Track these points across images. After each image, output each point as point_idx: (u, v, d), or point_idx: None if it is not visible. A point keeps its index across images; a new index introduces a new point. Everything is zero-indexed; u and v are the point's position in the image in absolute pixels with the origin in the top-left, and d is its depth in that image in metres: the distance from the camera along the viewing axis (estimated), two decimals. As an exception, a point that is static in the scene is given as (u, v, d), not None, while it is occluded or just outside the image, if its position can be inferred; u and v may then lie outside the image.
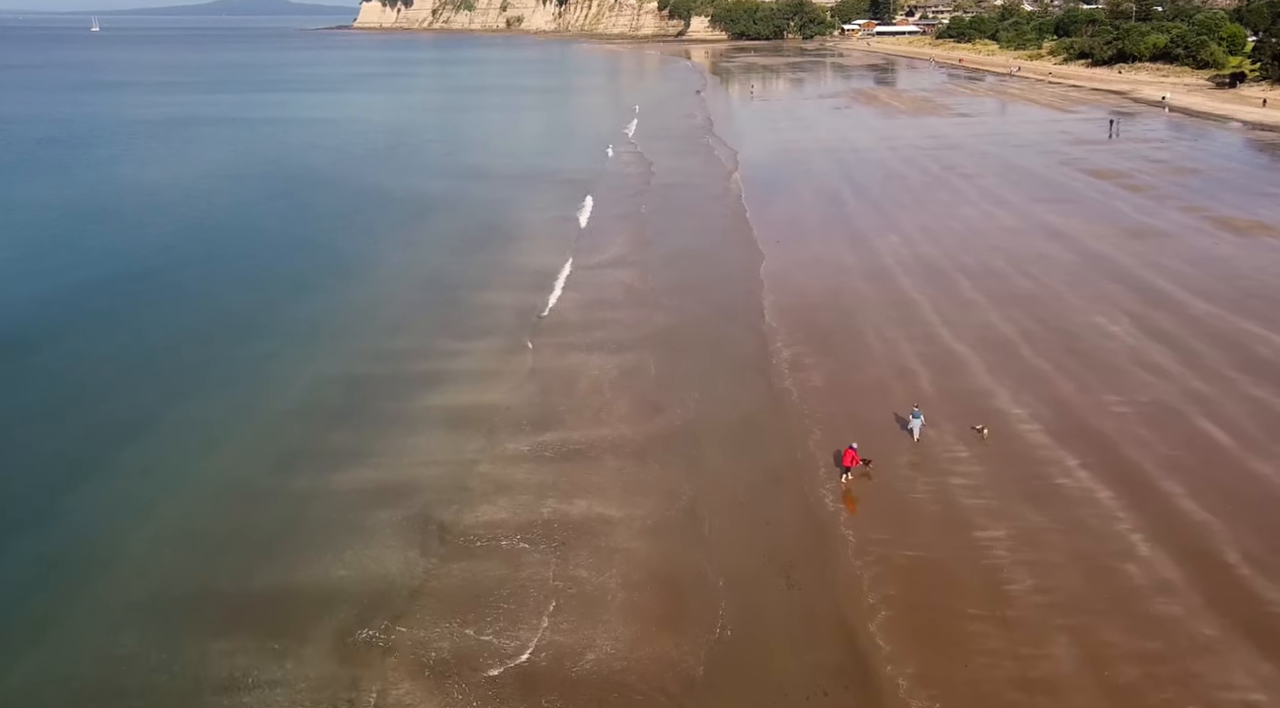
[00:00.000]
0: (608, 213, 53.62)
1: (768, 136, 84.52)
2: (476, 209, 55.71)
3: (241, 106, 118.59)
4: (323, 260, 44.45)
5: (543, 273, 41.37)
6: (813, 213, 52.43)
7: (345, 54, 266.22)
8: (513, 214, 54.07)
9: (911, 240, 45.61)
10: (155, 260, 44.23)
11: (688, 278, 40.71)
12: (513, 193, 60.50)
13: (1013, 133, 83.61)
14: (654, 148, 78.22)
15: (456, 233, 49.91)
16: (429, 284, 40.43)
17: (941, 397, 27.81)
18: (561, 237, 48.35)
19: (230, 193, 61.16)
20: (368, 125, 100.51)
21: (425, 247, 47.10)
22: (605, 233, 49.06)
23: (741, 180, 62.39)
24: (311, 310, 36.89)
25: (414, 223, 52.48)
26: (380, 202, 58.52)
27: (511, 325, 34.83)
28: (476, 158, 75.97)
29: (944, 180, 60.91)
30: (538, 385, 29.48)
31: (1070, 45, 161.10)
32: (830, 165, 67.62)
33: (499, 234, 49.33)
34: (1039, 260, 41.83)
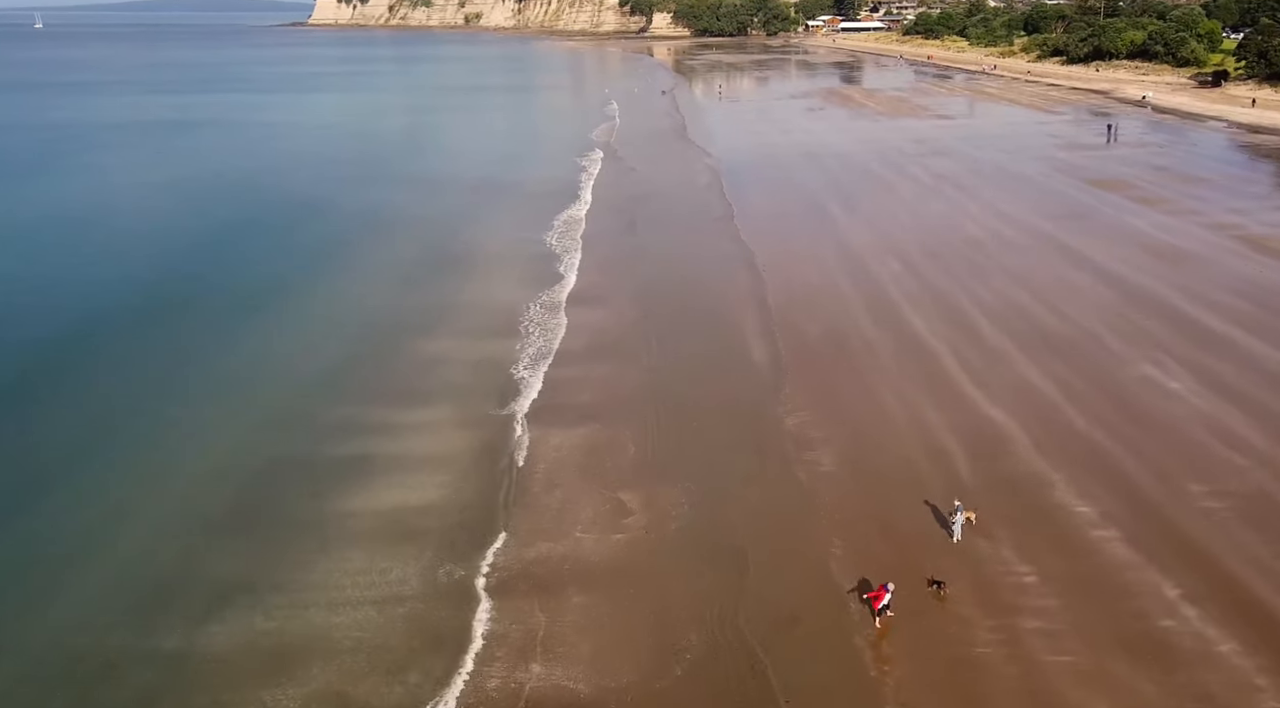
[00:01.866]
0: (581, 233, 47.99)
1: (744, 140, 79.14)
2: (432, 229, 49.89)
3: (184, 109, 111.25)
4: (244, 295, 38.35)
5: (505, 314, 35.60)
6: (803, 232, 47.08)
7: (298, 52, 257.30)
8: (472, 235, 48.30)
9: (916, 267, 40.38)
10: (23, 303, 38.00)
11: (674, 315, 35.19)
12: (473, 208, 54.74)
13: (999, 136, 78.89)
14: (626, 155, 72.65)
15: (407, 260, 43.98)
16: (368, 328, 34.52)
17: (985, 485, 22.55)
18: (529, 265, 42.61)
19: (149, 210, 54.75)
20: (318, 129, 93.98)
21: (369, 277, 41.11)
22: (578, 258, 43.40)
23: (724, 189, 57.03)
24: (220, 366, 30.90)
25: (358, 245, 46.48)
26: (322, 219, 52.44)
27: (465, 388, 29.07)
28: (435, 166, 69.95)
29: (938, 191, 55.88)
30: (495, 476, 23.79)
31: (1043, 42, 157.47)
32: (814, 175, 62.35)
33: (455, 262, 43.49)
34: (1063, 291, 36.76)
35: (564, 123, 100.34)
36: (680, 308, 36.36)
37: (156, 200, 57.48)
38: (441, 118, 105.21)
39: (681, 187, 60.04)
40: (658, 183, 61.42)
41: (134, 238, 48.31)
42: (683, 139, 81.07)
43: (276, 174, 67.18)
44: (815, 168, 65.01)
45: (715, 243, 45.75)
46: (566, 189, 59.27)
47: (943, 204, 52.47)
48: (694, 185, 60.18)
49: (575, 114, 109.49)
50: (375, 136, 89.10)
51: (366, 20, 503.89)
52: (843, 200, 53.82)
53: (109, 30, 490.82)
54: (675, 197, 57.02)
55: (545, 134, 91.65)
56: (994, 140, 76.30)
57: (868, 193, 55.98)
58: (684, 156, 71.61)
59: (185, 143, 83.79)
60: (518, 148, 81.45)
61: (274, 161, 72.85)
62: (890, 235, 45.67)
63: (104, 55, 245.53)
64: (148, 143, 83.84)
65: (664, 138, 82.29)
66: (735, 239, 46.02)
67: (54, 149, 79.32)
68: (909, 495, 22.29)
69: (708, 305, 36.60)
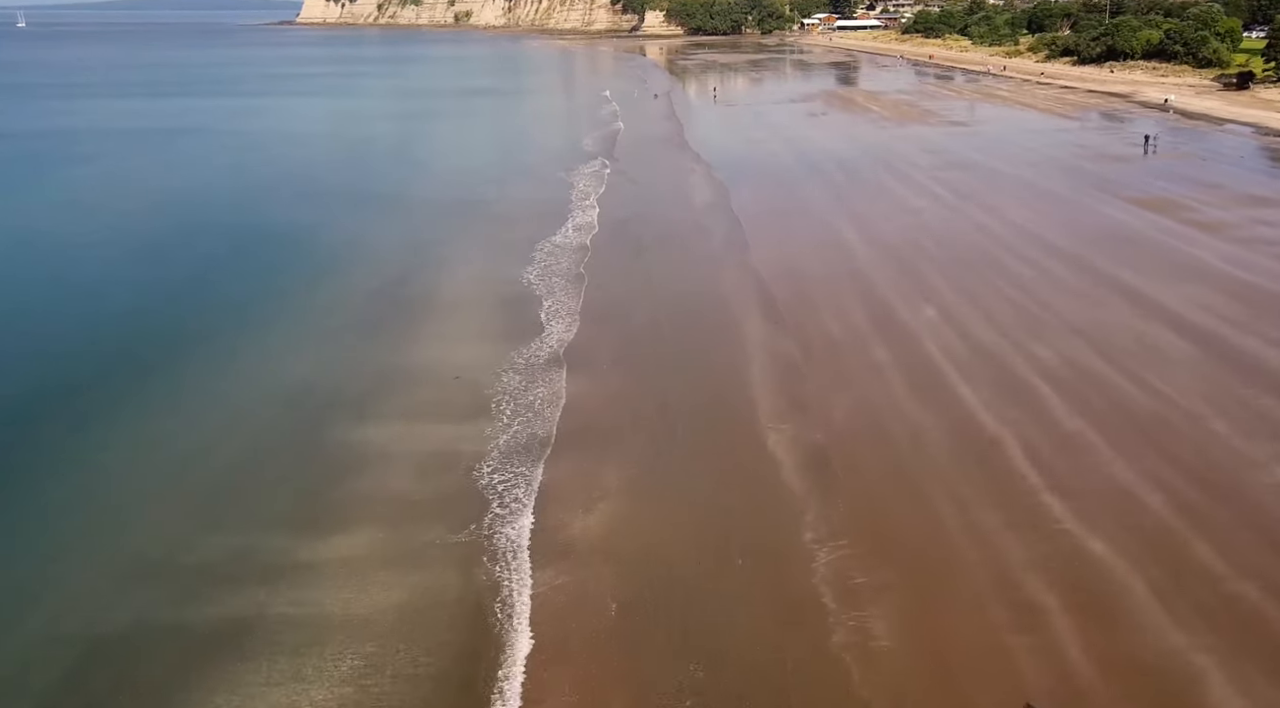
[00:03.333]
0: (576, 267, 41.51)
1: (747, 149, 72.64)
2: (394, 261, 43.30)
3: (155, 115, 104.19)
4: (144, 352, 31.68)
5: (476, 382, 28.98)
6: (821, 266, 40.53)
7: (283, 52, 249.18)
8: (444, 269, 41.76)
9: (956, 316, 33.91)
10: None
11: (685, 389, 28.68)
12: (445, 234, 48.25)
13: (1021, 146, 72.57)
14: (623, 168, 66.03)
15: (357, 304, 37.23)
16: (288, 405, 27.84)
17: (1108, 672, 16.07)
18: (510, 313, 36.01)
19: (71, 237, 48.03)
20: (290, 138, 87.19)
21: (303, 328, 34.43)
22: (574, 303, 36.87)
23: (732, 209, 50.55)
24: (91, 464, 24.28)
25: (301, 283, 39.74)
26: (265, 246, 45.90)
27: (405, 505, 22.38)
28: (409, 182, 63.27)
29: (963, 214, 49.46)
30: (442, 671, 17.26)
31: (1052, 42, 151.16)
32: (823, 192, 55.88)
33: (413, 307, 36.83)
34: (1137, 349, 30.36)
35: (556, 130, 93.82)
36: (692, 378, 29.81)
37: (71, 225, 50.79)
38: (423, 125, 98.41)
39: (686, 207, 53.54)
40: (658, 203, 54.93)
41: (35, 282, 41.65)
42: (683, 149, 74.47)
43: (226, 192, 60.52)
44: (823, 183, 58.53)
45: (733, 285, 39.15)
46: (556, 210, 52.70)
47: (971, 230, 46.01)
48: (699, 205, 53.70)
49: (567, 120, 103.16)
50: (352, 147, 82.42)
51: (355, 19, 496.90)
52: (858, 225, 47.28)
53: (93, 29, 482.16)
54: (681, 222, 50.49)
55: (536, 144, 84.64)
56: (1014, 151, 69.97)
57: (884, 215, 49.43)
58: (686, 170, 65.02)
59: (142, 154, 77.08)
60: (505, 159, 74.44)
61: (228, 178, 66.17)
62: (918, 272, 39.15)
63: (83, 55, 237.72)
64: (101, 154, 77.00)
65: (662, 147, 75.73)
66: (754, 277, 39.52)
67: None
68: (996, 691, 15.83)
69: (724, 372, 30.10)
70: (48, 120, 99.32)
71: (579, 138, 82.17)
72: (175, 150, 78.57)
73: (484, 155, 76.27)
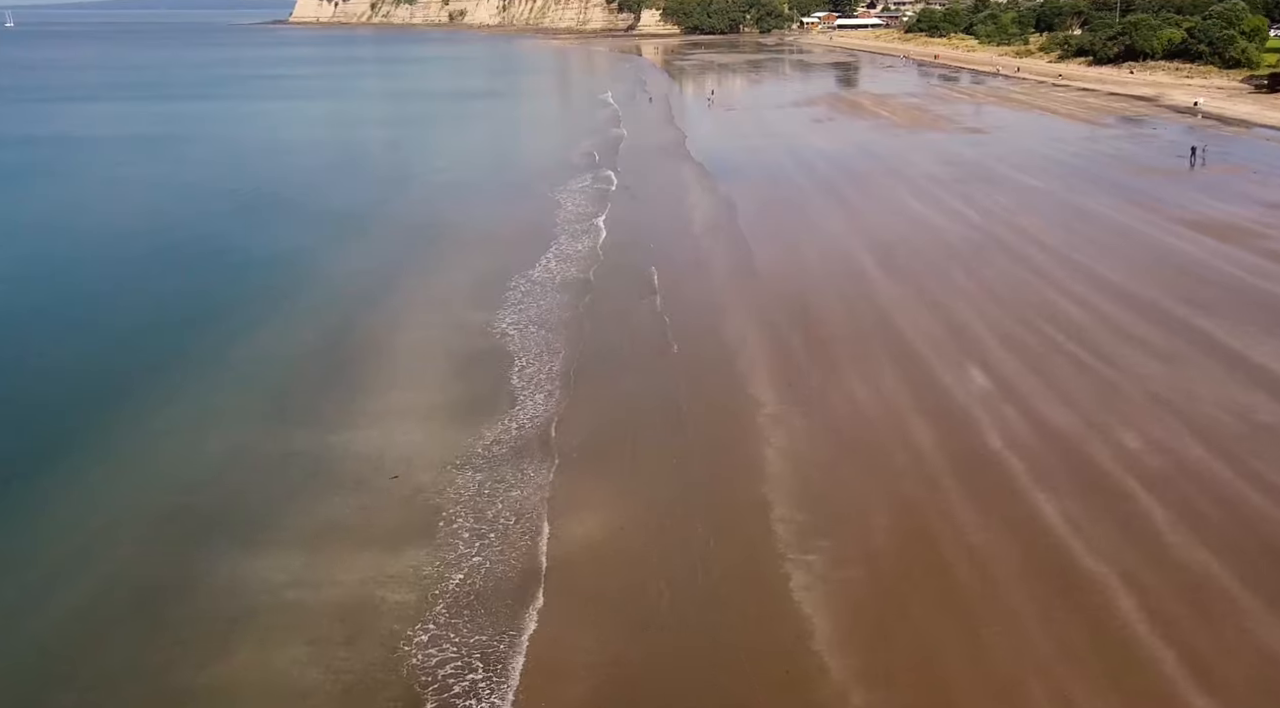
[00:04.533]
0: (557, 309, 35.32)
1: (749, 158, 66.18)
2: (343, 305, 36.87)
3: (126, 121, 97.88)
4: (25, 421, 25.51)
5: (411, 494, 22.68)
6: (837, 305, 34.35)
7: (274, 53, 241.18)
8: (395, 318, 35.36)
9: (1010, 382, 27.67)
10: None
11: (700, 505, 22.49)
12: (413, 266, 41.84)
13: (1046, 156, 66.34)
14: (622, 183, 59.78)
15: (283, 368, 30.84)
16: (157, 525, 21.32)
17: None
18: (471, 376, 29.80)
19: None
20: (263, 144, 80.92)
21: (205, 408, 27.50)
22: (549, 361, 30.65)
23: (742, 231, 44.36)
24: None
25: (218, 340, 33.14)
26: (191, 285, 39.51)
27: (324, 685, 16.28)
28: (387, 197, 57.06)
29: (997, 240, 43.15)
30: None
31: (1065, 41, 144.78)
32: (837, 214, 49.59)
33: (353, 370, 30.49)
34: (1255, 438, 24.12)
35: (549, 138, 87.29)
36: (709, 486, 23.60)
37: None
38: (408, 132, 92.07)
39: (692, 233, 47.31)
40: (662, 228, 48.66)
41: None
42: (685, 160, 68.12)
43: (173, 215, 54.03)
44: (836, 203, 52.20)
45: (749, 341, 32.94)
46: (546, 235, 46.63)
47: (1009, 262, 39.62)
48: (705, 228, 47.47)
49: (561, 127, 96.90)
50: (328, 157, 75.91)
51: (348, 18, 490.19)
52: (879, 257, 40.86)
53: (83, 29, 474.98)
54: (687, 252, 44.19)
55: (529, 154, 78.12)
56: (1040, 161, 63.73)
57: (907, 244, 43.07)
58: (690, 185, 58.73)
59: (94, 167, 70.81)
60: (494, 172, 67.78)
61: (180, 197, 59.75)
62: (955, 318, 32.88)
63: (69, 57, 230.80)
64: (54, 167, 70.70)
65: (663, 159, 69.20)
66: (769, 326, 33.30)
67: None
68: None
69: (730, 468, 23.88)
70: (12, 127, 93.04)
71: (574, 147, 75.91)
72: (132, 162, 72.23)
73: (471, 167, 69.61)
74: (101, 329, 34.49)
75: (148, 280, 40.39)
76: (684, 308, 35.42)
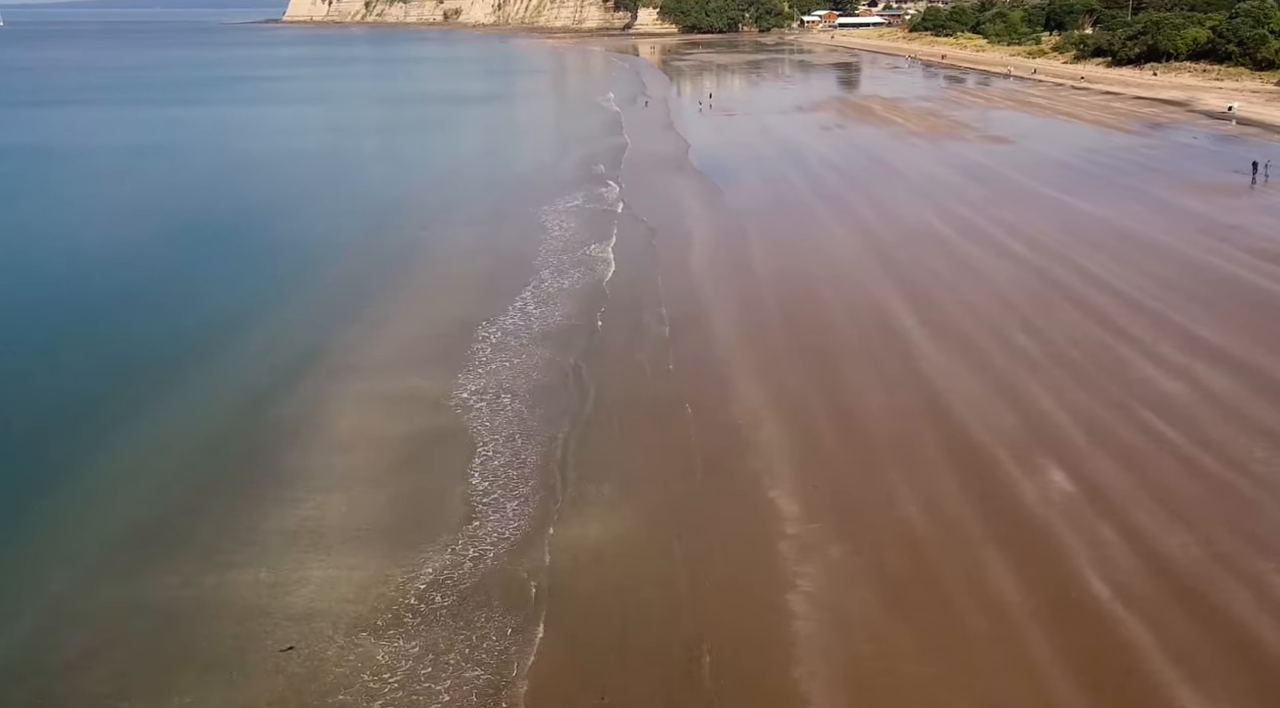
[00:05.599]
0: (535, 366, 29.22)
1: (754, 174, 60.11)
2: (271, 370, 30.72)
3: (97, 131, 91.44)
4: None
5: (310, 680, 16.66)
6: (873, 378, 28.27)
7: (265, 53, 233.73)
8: (332, 386, 29.29)
9: (1105, 494, 21.57)
10: None
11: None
12: (373, 313, 35.65)
13: (1084, 171, 60.30)
14: (619, 202, 53.71)
15: (173, 464, 24.73)
16: None
17: None
18: (412, 475, 23.76)
19: None
20: (236, 158, 74.58)
21: (51, 523, 21.62)
22: (524, 446, 24.60)
23: (753, 262, 38.28)
24: None
25: (107, 417, 27.07)
26: (93, 340, 33.29)
27: None
28: (350, 225, 50.61)
29: (1056, 284, 36.85)
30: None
31: (1081, 41, 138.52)
32: (859, 247, 43.49)
33: (261, 467, 24.38)
34: None
35: (542, 148, 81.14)
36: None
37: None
38: (391, 142, 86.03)
39: (703, 269, 41.17)
40: (669, 261, 42.54)
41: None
42: (690, 175, 61.95)
43: (96, 240, 47.96)
44: (860, 236, 45.83)
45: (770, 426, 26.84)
46: (526, 270, 40.50)
47: (1081, 317, 32.98)
48: (716, 260, 41.38)
49: (554, 134, 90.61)
50: (300, 170, 69.54)
51: (342, 17, 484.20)
52: (920, 310, 34.69)
53: (73, 29, 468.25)
54: (695, 295, 38.07)
55: (521, 165, 71.66)
56: (1079, 177, 57.67)
57: (950, 292, 36.75)
58: (695, 202, 52.63)
59: (47, 184, 64.62)
60: (480, 189, 61.44)
61: (123, 216, 53.69)
62: (1024, 400, 26.68)
63: (51, 58, 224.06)
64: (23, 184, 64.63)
65: (666, 173, 62.97)
66: (794, 394, 27.23)
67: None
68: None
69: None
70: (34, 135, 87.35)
71: (568, 158, 69.99)
72: (85, 180, 65.97)
73: (453, 184, 63.16)
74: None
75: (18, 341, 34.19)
76: (702, 376, 29.26)
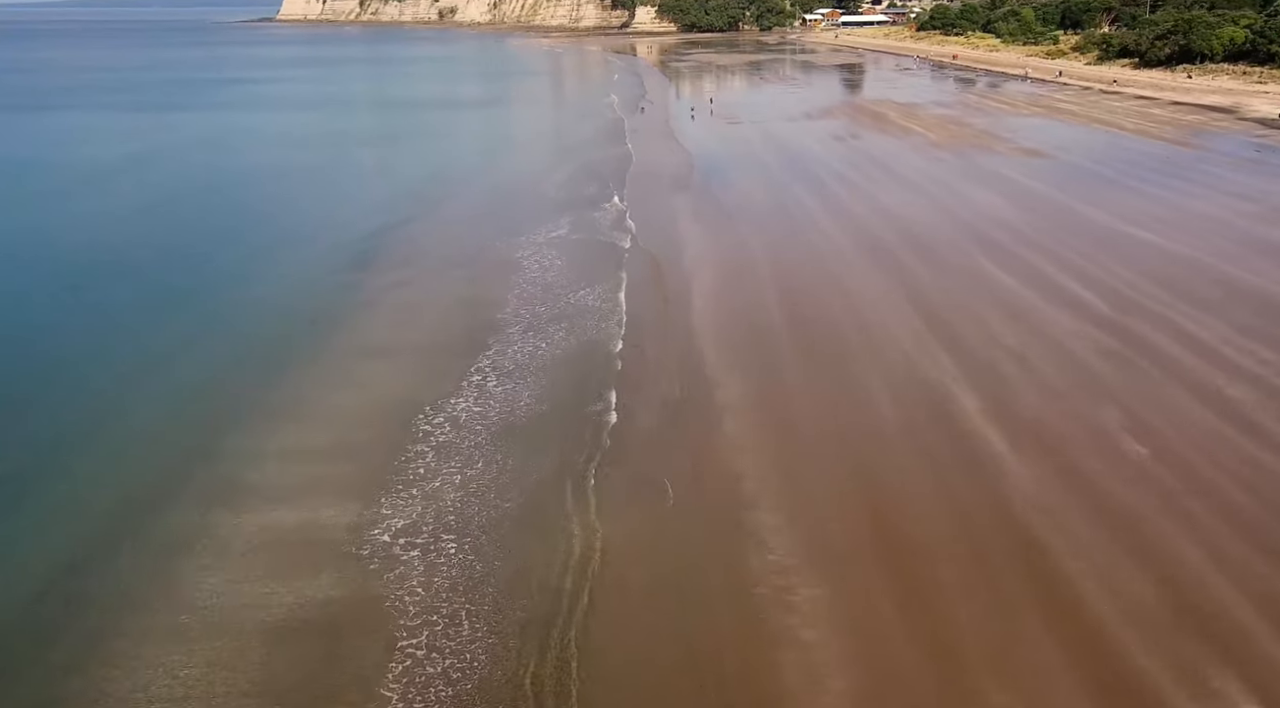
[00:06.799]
0: (507, 485, 21.62)
1: (764, 193, 52.52)
2: (154, 481, 23.30)
3: (62, 140, 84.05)
4: None
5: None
6: (956, 530, 20.71)
7: (256, 53, 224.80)
8: (217, 511, 21.83)
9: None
10: None
11: None
12: (287, 397, 28.03)
13: (1139, 191, 52.76)
14: (608, 226, 46.06)
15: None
16: None
17: None
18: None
19: None
20: (199, 173, 66.69)
21: None
22: (462, 643, 17.05)
23: (777, 333, 30.69)
24: None
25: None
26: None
27: None
28: (293, 265, 42.86)
29: (1151, 352, 29.25)
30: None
31: (1103, 40, 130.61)
32: (898, 300, 35.86)
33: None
34: None
35: (531, 161, 73.26)
36: None
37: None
38: (374, 153, 78.19)
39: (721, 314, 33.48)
40: (683, 306, 34.84)
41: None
42: (697, 194, 54.25)
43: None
44: (897, 283, 38.13)
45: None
46: (501, 301, 32.81)
47: (1211, 413, 25.43)
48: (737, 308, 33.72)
49: (542, 143, 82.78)
50: (245, 195, 61.67)
51: (336, 16, 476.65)
52: (977, 386, 27.17)
53: (64, 28, 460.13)
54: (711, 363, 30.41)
55: (507, 183, 63.48)
56: (1136, 199, 50.21)
57: (1009, 355, 29.21)
58: (710, 234, 44.93)
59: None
60: (459, 218, 53.39)
61: (41, 249, 46.02)
62: (1165, 563, 19.18)
63: (36, 58, 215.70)
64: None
65: (670, 193, 55.22)
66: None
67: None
68: None
69: None
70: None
71: (552, 169, 62.27)
72: (27, 203, 58.25)
73: (438, 205, 55.37)
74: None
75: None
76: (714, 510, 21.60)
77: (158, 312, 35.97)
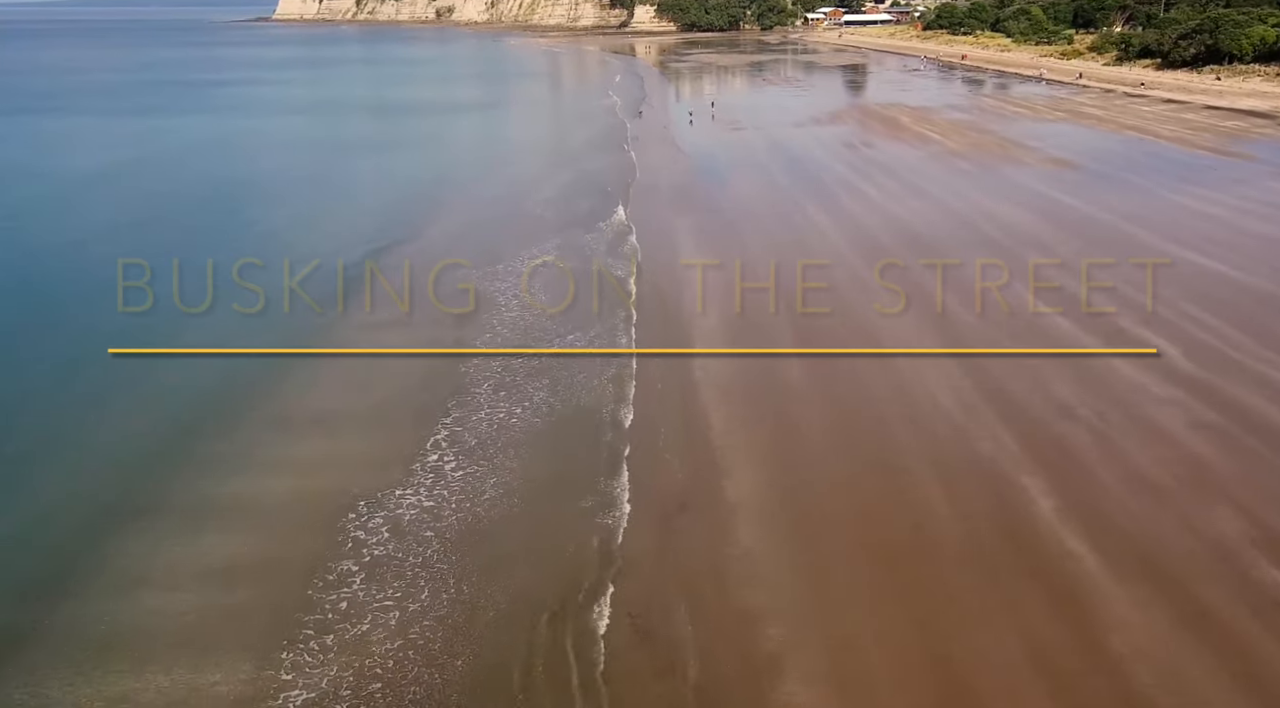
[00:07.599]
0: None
1: (772, 211, 47.32)
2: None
3: (39, 147, 79.01)
4: None
5: None
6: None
7: (251, 53, 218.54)
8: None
9: None
10: None
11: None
12: (186, 517, 22.84)
13: (1189, 208, 47.55)
14: (602, 251, 40.77)
15: None
16: None
17: None
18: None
19: None
20: (167, 187, 61.23)
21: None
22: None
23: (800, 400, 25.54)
24: None
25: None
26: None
27: None
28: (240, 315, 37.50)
29: (1246, 416, 24.15)
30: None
31: (1123, 40, 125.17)
32: (925, 332, 30.70)
33: None
34: None
35: (517, 169, 67.91)
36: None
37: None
38: (362, 165, 72.81)
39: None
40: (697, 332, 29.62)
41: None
42: (704, 211, 49.00)
43: None
44: (931, 326, 33.08)
45: None
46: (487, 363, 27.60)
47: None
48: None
49: (536, 153, 77.48)
50: (231, 206, 56.38)
51: (333, 15, 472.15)
52: (1048, 474, 22.00)
53: (59, 28, 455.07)
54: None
55: (496, 201, 58.08)
56: (1190, 219, 44.98)
57: (1089, 435, 24.08)
58: (721, 255, 39.69)
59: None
60: (439, 244, 48.23)
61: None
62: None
63: (25, 59, 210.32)
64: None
65: (674, 212, 49.99)
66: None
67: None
68: None
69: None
70: None
71: (544, 181, 57.00)
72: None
73: (412, 230, 49.97)
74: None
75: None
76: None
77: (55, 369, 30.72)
